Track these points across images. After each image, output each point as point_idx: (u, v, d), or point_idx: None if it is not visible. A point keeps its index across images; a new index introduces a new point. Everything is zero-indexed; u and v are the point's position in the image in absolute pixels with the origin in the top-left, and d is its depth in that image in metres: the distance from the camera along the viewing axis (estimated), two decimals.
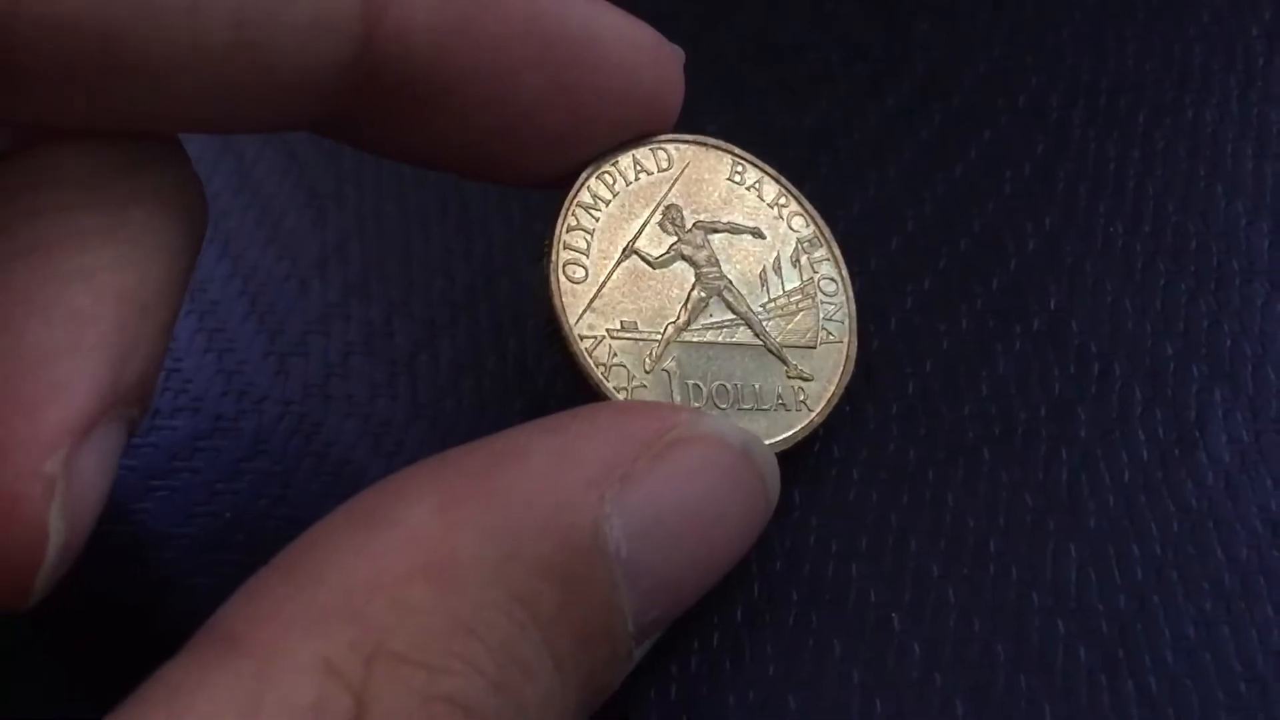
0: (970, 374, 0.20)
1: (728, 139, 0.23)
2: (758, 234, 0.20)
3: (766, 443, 0.18)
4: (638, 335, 0.18)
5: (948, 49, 0.24)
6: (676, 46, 0.19)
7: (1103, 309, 0.21)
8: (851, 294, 0.20)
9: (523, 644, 0.14)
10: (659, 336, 0.18)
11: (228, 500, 0.20)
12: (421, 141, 0.18)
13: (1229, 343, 0.20)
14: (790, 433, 0.19)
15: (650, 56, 0.18)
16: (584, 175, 0.18)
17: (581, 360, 0.18)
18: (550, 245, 0.18)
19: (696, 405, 0.18)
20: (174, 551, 0.20)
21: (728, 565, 0.17)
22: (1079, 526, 0.19)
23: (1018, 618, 0.18)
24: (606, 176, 0.19)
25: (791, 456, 0.19)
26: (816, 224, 0.20)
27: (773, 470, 0.17)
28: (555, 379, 0.21)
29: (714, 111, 0.24)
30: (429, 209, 0.24)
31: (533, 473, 0.15)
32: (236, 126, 0.17)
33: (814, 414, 0.19)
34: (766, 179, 0.20)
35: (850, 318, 0.20)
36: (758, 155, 0.23)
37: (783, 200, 0.20)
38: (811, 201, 0.22)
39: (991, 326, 0.21)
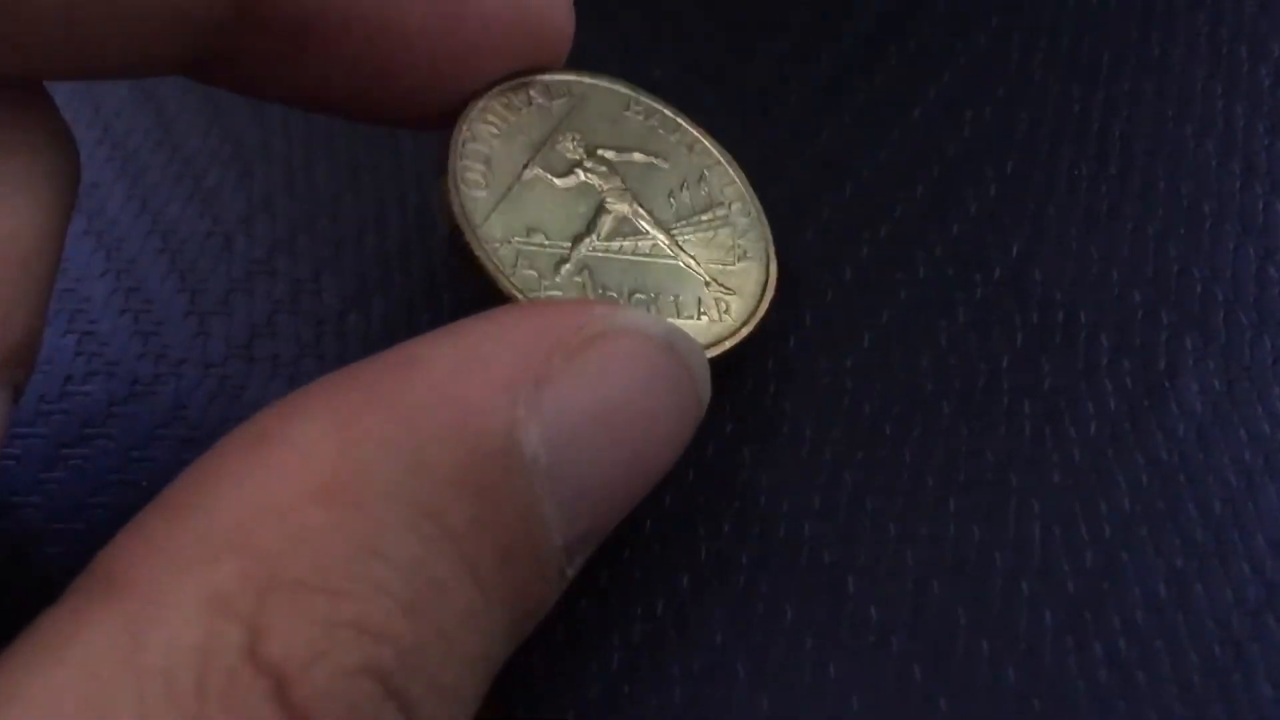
0: (928, 325, 0.19)
1: (676, 88, 0.22)
2: (661, 160, 0.19)
3: None
4: (545, 244, 0.17)
5: None
6: None
7: (1067, 255, 0.20)
8: (764, 216, 0.19)
9: (435, 561, 0.13)
10: (567, 246, 0.17)
11: (145, 469, 0.19)
12: (302, 79, 0.17)
13: (1199, 288, 0.19)
14: (717, 343, 0.18)
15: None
16: (477, 103, 0.18)
17: (486, 264, 0.17)
18: (449, 154, 0.17)
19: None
20: (87, 524, 0.19)
21: (660, 470, 0.16)
22: (1043, 482, 0.18)
23: (979, 579, 0.17)
24: (503, 98, 0.18)
25: (731, 393, 0.18)
26: (718, 152, 0.19)
27: (701, 363, 0.16)
28: None
29: (660, 60, 0.23)
30: (360, 161, 0.22)
31: (436, 379, 0.14)
32: (103, 71, 0.16)
33: (741, 325, 0.18)
34: (663, 112, 0.19)
35: (766, 239, 0.19)
36: (708, 105, 0.22)
37: (681, 132, 0.19)
38: (763, 150, 0.21)
39: (950, 275, 0.20)
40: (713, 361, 0.17)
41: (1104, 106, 0.21)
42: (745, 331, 0.18)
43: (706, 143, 0.19)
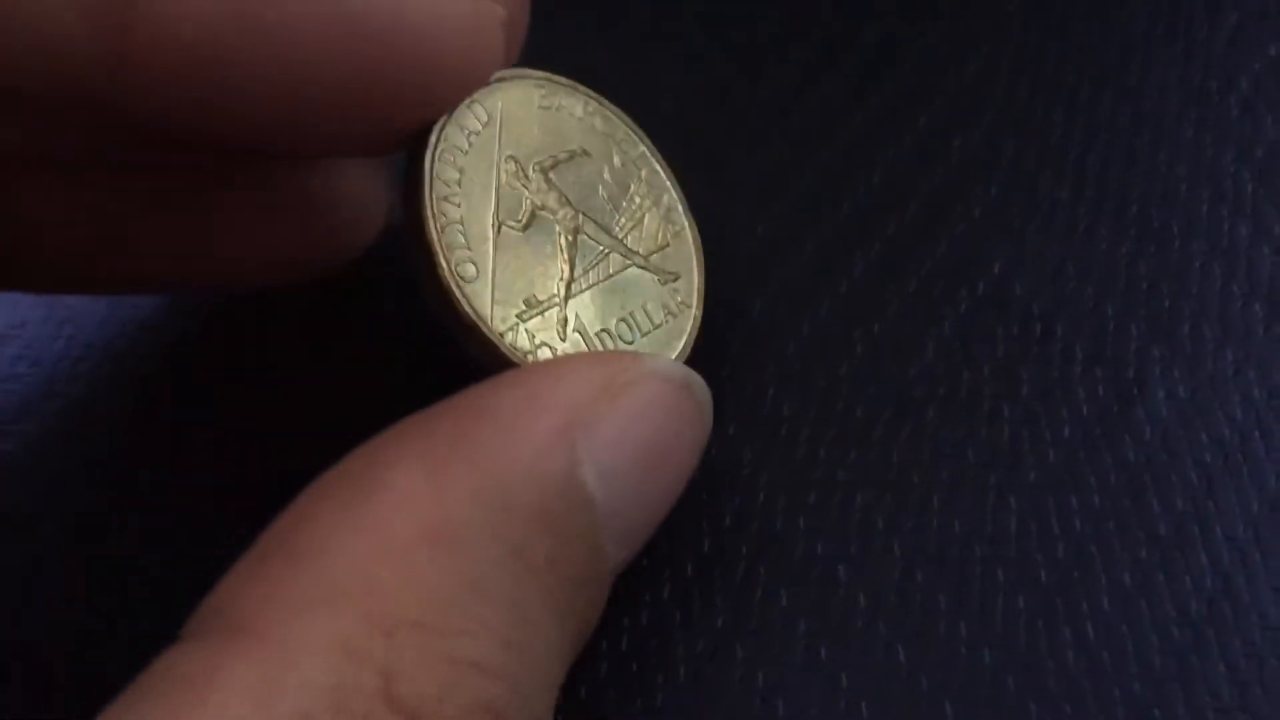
0: (917, 335, 0.21)
1: (685, 110, 0.24)
2: (585, 154, 0.19)
3: (673, 355, 0.19)
4: (542, 307, 0.18)
5: (898, 19, 0.25)
6: (492, 4, 0.18)
7: (1046, 272, 0.21)
8: (672, 175, 0.20)
9: (525, 597, 0.14)
10: (558, 299, 0.18)
11: None
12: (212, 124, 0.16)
13: (1167, 303, 0.21)
14: (685, 337, 0.19)
15: (465, 25, 0.17)
16: (426, 167, 0.18)
17: (512, 358, 0.18)
18: (433, 246, 0.17)
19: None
20: None
21: (679, 494, 0.17)
22: (1020, 481, 0.19)
23: (959, 568, 0.19)
24: (446, 156, 0.18)
25: (733, 398, 0.20)
26: (623, 120, 0.20)
27: (708, 396, 0.18)
28: None
29: (671, 83, 0.24)
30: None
31: (507, 426, 0.15)
32: None
33: (694, 309, 0.19)
34: (570, 93, 0.19)
35: (680, 200, 0.20)
36: (715, 128, 0.24)
37: (590, 108, 0.20)
38: (766, 168, 0.23)
39: (938, 290, 0.21)
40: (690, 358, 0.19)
41: (1083, 134, 0.23)
42: (697, 313, 0.19)
43: (604, 108, 0.20)
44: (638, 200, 0.19)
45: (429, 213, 0.17)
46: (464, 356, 0.18)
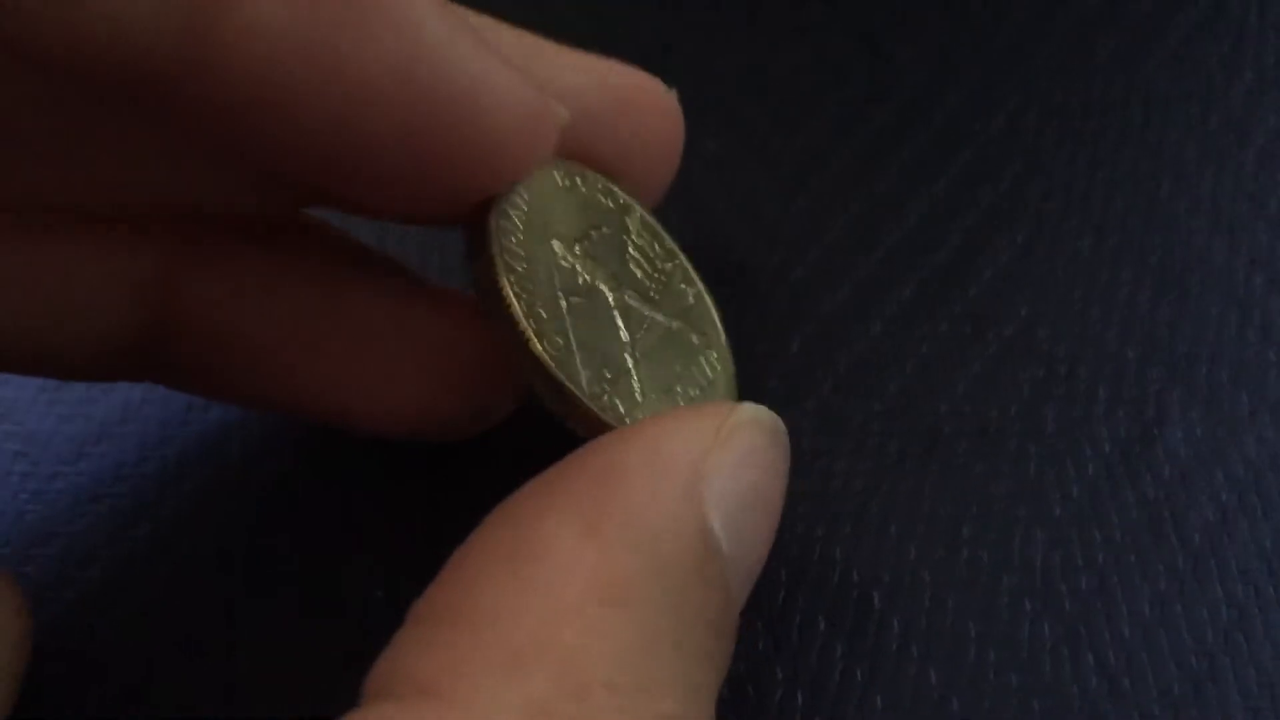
0: (947, 375, 0.22)
1: (726, 159, 0.25)
2: (609, 226, 0.20)
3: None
4: (618, 375, 0.18)
5: (929, 75, 0.26)
6: (557, 106, 0.18)
7: (1070, 317, 0.22)
8: (671, 238, 0.20)
9: (690, 648, 0.14)
10: (630, 367, 0.19)
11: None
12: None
13: (1186, 348, 0.22)
14: (729, 383, 0.20)
15: (527, 120, 0.17)
16: (496, 248, 0.18)
17: (614, 425, 0.18)
18: (525, 332, 0.18)
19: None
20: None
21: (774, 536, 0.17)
22: (1045, 514, 0.20)
23: (988, 596, 0.20)
24: (509, 237, 0.18)
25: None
26: (612, 191, 0.20)
27: (788, 439, 0.18)
28: None
29: (712, 135, 0.26)
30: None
31: (644, 484, 0.15)
32: None
33: (729, 365, 0.20)
34: (578, 168, 0.20)
35: (687, 261, 0.20)
36: (754, 175, 0.25)
37: (598, 183, 0.20)
38: (803, 217, 0.24)
39: (967, 332, 0.22)
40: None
41: (1106, 183, 0.24)
42: (731, 369, 0.20)
43: (603, 179, 0.20)
44: (659, 264, 0.20)
45: (511, 293, 0.18)
46: (563, 426, 0.18)
